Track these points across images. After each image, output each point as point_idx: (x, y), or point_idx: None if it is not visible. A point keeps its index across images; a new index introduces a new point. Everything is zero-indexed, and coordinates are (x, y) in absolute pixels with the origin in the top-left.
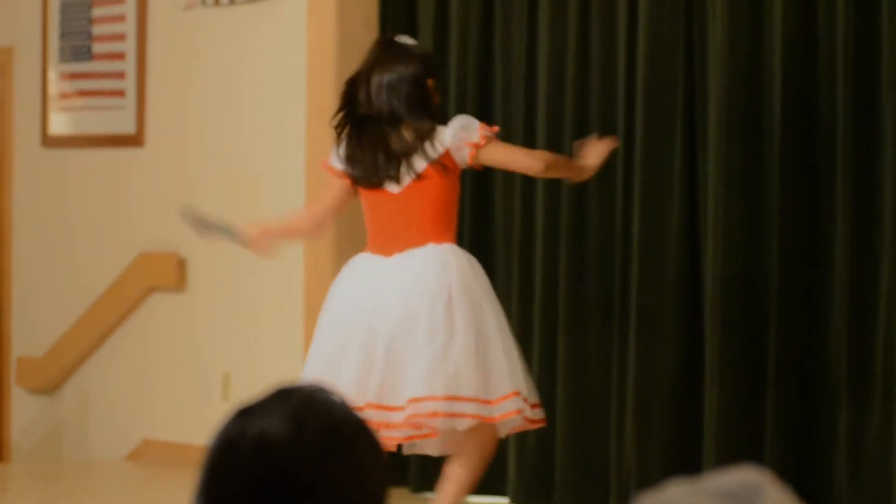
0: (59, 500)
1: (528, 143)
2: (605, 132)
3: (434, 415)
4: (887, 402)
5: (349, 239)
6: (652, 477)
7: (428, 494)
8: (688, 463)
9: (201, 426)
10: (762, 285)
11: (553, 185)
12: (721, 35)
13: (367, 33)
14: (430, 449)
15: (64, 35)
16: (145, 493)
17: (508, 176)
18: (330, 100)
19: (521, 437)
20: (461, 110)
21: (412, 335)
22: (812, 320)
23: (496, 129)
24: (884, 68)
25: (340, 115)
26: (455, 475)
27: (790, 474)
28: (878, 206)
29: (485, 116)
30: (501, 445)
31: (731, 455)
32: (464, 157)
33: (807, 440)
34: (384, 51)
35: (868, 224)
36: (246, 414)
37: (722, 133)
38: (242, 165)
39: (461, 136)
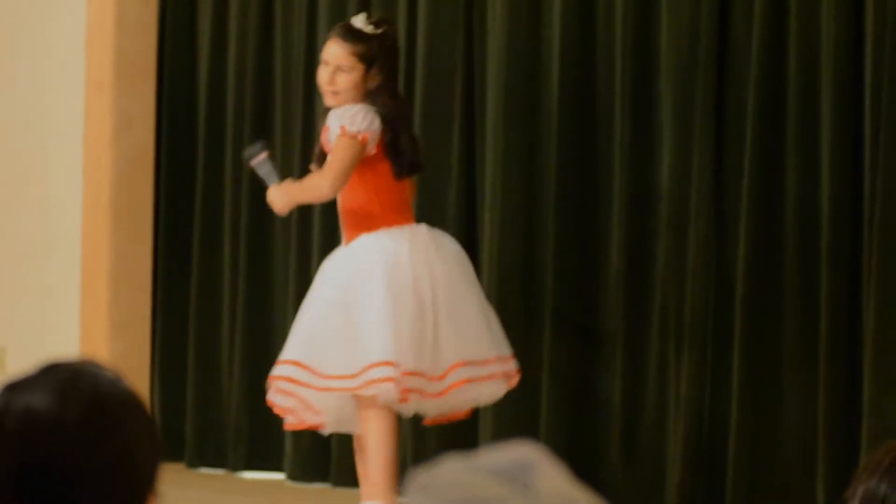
0: None
1: (306, 128)
2: None
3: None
4: (661, 378)
5: (126, 212)
6: (427, 452)
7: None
8: (464, 439)
9: None
10: (538, 270)
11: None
12: (500, 18)
13: (145, 9)
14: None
15: None
16: None
17: (287, 163)
18: (109, 74)
19: None
20: (238, 105)
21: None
22: (588, 301)
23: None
24: (662, 49)
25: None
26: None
27: (564, 451)
28: (655, 189)
29: (264, 108)
30: (277, 420)
31: (506, 429)
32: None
33: (581, 417)
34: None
35: (644, 206)
36: (12, 388)
37: (500, 118)
38: (19, 139)
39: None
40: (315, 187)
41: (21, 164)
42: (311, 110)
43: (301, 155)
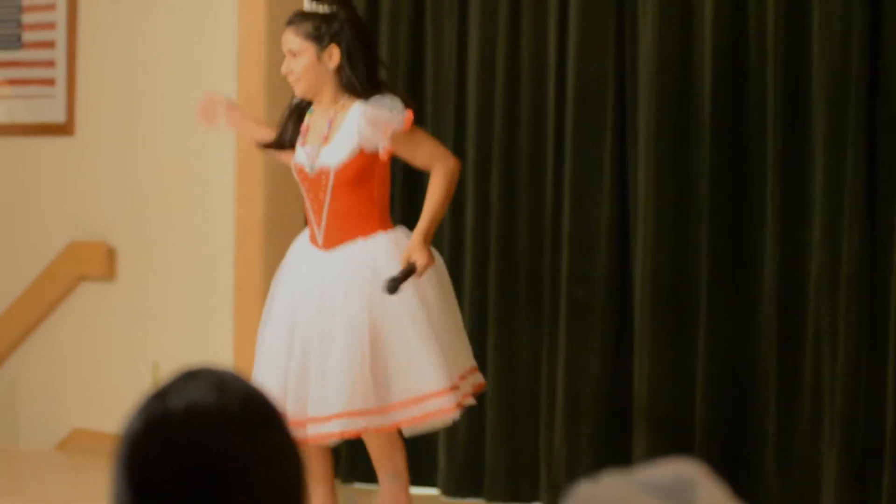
0: None
1: (458, 138)
2: (535, 127)
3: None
4: (815, 396)
5: (278, 228)
6: (582, 471)
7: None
8: (617, 457)
9: None
10: (692, 283)
11: (483, 180)
12: (651, 35)
13: None
14: None
15: None
16: (75, 482)
17: None
18: (260, 88)
19: (452, 428)
20: None
21: None
22: (741, 318)
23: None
24: (814, 64)
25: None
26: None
27: (719, 468)
28: (808, 206)
29: (416, 115)
30: (431, 436)
31: (660, 449)
32: None
33: (736, 435)
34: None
35: (797, 224)
36: (163, 394)
37: (652, 129)
38: (172, 155)
39: None
40: (453, 176)
41: (174, 181)
42: (463, 111)
43: (475, 158)
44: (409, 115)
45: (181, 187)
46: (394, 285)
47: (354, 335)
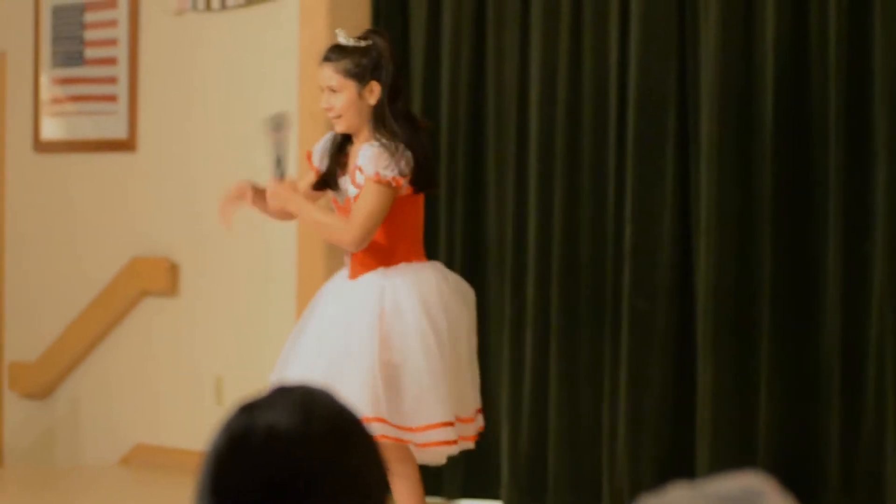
0: None
1: (521, 151)
2: (597, 138)
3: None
4: (880, 405)
5: None
6: (644, 481)
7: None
8: (680, 468)
9: (194, 431)
10: (754, 291)
11: (546, 193)
12: (713, 44)
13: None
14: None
15: (56, 40)
16: (138, 497)
17: (501, 180)
18: (322, 106)
19: (514, 439)
20: (453, 121)
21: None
22: (804, 326)
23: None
24: (876, 72)
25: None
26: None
27: (783, 480)
28: (871, 212)
29: (477, 126)
30: (494, 448)
31: (723, 460)
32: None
33: (800, 446)
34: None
35: (861, 230)
36: (250, 409)
37: (714, 140)
38: (234, 171)
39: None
40: (337, 232)
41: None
42: (525, 125)
43: (514, 173)
44: (386, 176)
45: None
46: (276, 125)
47: (367, 351)
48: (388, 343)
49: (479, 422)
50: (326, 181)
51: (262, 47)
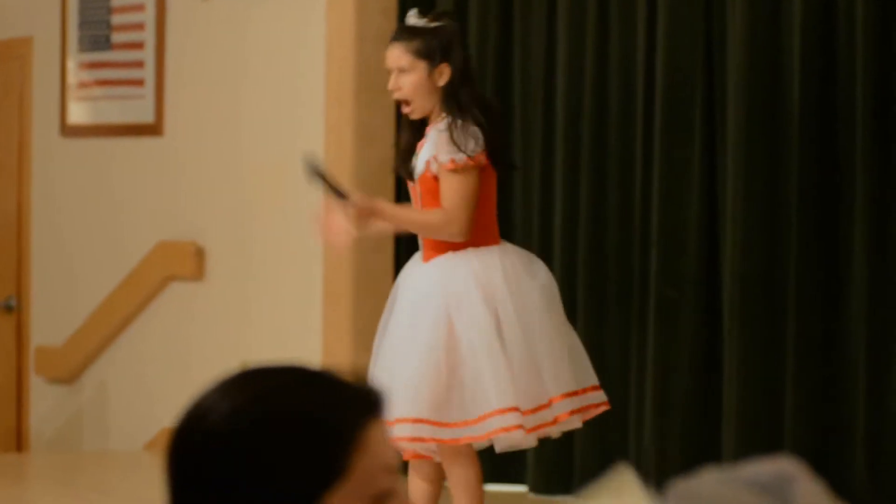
0: (78, 490)
1: (547, 137)
2: (623, 126)
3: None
4: None
5: None
6: (671, 467)
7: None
8: (707, 454)
9: None
10: (781, 279)
11: (572, 178)
12: (740, 31)
13: (386, 23)
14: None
15: (83, 24)
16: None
17: (527, 167)
18: (349, 89)
19: None
20: None
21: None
22: (831, 314)
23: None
24: None
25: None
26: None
27: (810, 466)
28: None
29: (503, 111)
30: None
31: (749, 447)
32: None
33: (826, 434)
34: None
35: (887, 218)
36: (194, 404)
37: (741, 128)
38: (260, 155)
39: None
40: (437, 228)
41: (263, 178)
42: (552, 112)
43: (541, 160)
44: (462, 160)
45: (270, 187)
46: (313, 171)
47: (430, 346)
48: (452, 338)
49: (585, 400)
50: (406, 169)
51: (289, 31)
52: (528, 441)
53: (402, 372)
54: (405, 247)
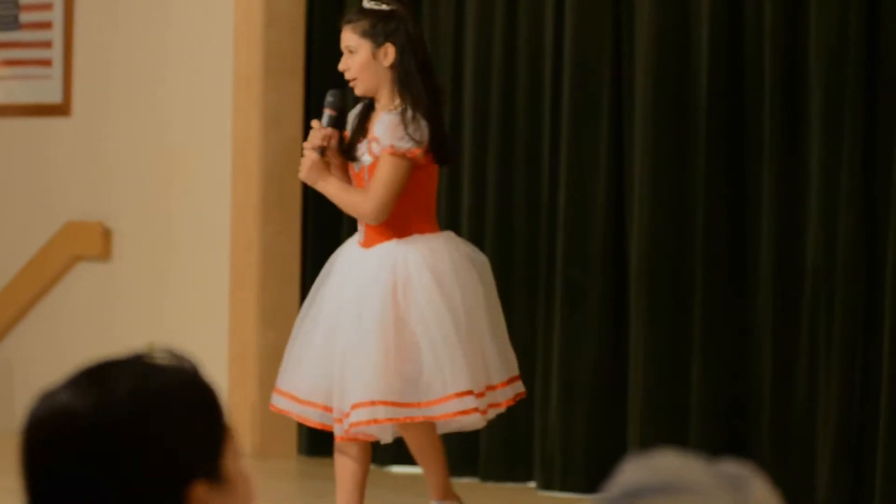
0: None
1: (455, 121)
2: (531, 110)
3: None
4: (810, 376)
5: (275, 208)
6: (576, 451)
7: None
8: (613, 439)
9: None
10: (688, 263)
11: (479, 163)
12: (648, 12)
13: (293, 7)
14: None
15: None
16: None
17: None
18: (256, 71)
19: None
20: None
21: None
22: (737, 300)
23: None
24: (811, 50)
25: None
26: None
27: (714, 452)
28: (804, 182)
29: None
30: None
31: (656, 431)
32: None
33: (731, 416)
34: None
35: (793, 200)
36: (50, 394)
37: (649, 113)
38: (168, 136)
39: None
40: (355, 206)
41: (170, 160)
42: (460, 94)
43: (471, 140)
44: (401, 148)
45: (177, 168)
46: (335, 103)
47: (380, 329)
48: (401, 318)
49: (517, 388)
50: (349, 149)
51: (197, 13)
52: (480, 423)
53: (354, 357)
54: (312, 229)
